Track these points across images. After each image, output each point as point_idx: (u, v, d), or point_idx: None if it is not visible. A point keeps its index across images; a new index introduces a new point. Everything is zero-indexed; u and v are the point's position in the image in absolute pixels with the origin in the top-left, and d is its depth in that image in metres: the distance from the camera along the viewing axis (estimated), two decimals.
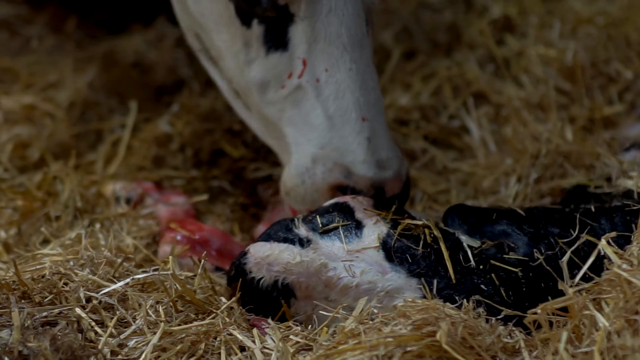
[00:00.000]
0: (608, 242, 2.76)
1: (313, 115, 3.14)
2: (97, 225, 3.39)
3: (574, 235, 2.91)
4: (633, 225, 2.90)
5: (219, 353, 2.75)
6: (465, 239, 2.94)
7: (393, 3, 4.78)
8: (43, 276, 2.91)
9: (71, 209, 3.50)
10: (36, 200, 3.54)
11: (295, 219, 2.98)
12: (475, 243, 2.95)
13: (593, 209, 3.02)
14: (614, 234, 2.80)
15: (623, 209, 3.01)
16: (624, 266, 2.64)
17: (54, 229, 3.41)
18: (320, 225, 2.95)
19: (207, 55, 3.46)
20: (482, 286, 2.83)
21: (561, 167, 3.54)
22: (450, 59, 4.41)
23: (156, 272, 2.94)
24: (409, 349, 2.54)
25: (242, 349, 2.77)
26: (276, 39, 3.18)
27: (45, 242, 3.34)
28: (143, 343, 2.74)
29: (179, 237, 3.27)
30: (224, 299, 2.94)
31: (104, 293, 2.87)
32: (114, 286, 2.89)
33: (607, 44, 4.17)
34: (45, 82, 4.22)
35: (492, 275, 2.85)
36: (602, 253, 2.76)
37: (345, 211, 2.99)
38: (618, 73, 4.04)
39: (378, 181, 3.10)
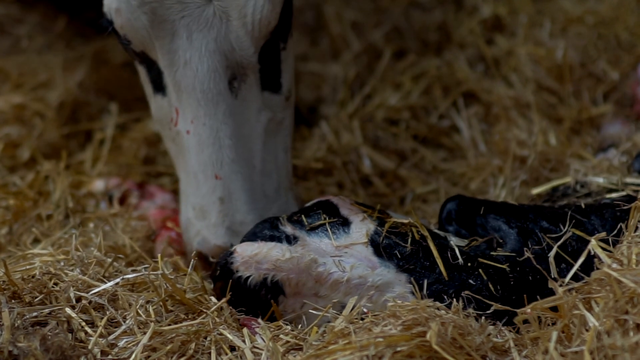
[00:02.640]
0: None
1: (189, 168, 3.11)
2: (91, 225, 3.39)
3: (564, 230, 2.91)
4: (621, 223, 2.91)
5: (209, 353, 2.75)
6: (455, 241, 2.94)
7: (383, 2, 4.78)
8: (33, 276, 2.91)
9: (62, 209, 3.50)
10: (28, 199, 3.53)
11: (281, 218, 2.97)
12: (463, 242, 2.95)
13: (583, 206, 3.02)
14: (604, 234, 2.81)
15: (612, 206, 3.01)
16: (614, 265, 2.64)
17: (45, 229, 3.40)
18: (307, 223, 2.94)
19: None
20: (471, 281, 2.84)
21: (550, 169, 3.55)
22: (441, 58, 4.41)
23: (146, 272, 2.94)
24: (399, 349, 2.54)
25: (232, 348, 2.77)
26: (156, 82, 3.13)
27: (37, 241, 3.34)
28: (133, 343, 2.74)
29: (173, 235, 3.28)
30: (214, 299, 2.93)
31: (94, 293, 2.87)
32: (104, 286, 2.89)
33: (597, 43, 4.17)
34: (36, 82, 4.21)
35: (480, 270, 2.85)
36: (592, 252, 2.76)
37: (330, 209, 2.98)
38: (604, 72, 4.04)
39: (227, 248, 3.04)
